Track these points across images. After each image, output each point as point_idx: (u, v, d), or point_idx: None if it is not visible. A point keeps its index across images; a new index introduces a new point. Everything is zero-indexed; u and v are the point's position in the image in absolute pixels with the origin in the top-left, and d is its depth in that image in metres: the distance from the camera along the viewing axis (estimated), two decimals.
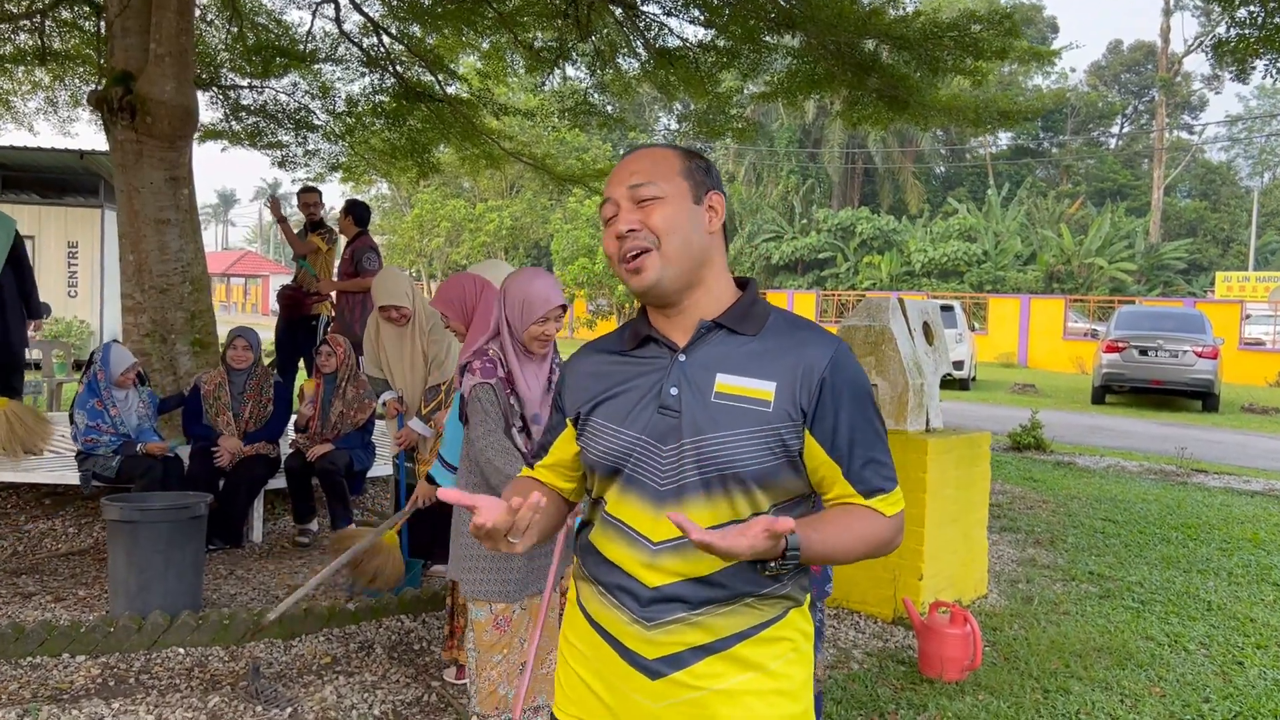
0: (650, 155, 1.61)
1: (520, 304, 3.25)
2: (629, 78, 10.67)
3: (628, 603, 1.54)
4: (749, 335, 1.57)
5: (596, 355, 1.70)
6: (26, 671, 3.91)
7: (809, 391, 1.52)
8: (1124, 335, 16.49)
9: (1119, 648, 4.58)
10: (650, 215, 1.55)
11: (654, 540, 1.53)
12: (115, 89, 6.57)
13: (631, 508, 1.56)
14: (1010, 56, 8.94)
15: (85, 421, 5.47)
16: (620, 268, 1.59)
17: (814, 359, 1.54)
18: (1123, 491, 8.52)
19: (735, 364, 1.54)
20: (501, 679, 3.39)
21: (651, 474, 1.54)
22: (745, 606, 1.52)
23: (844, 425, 1.53)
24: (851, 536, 1.51)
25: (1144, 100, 53.13)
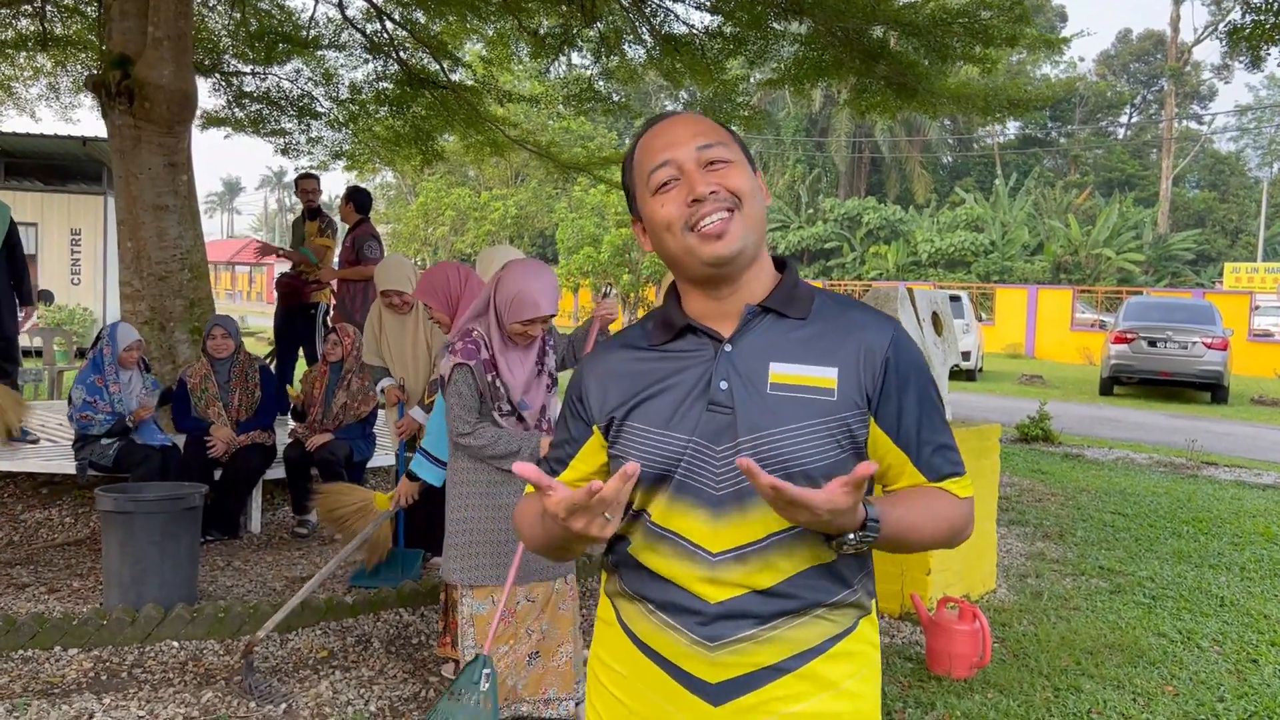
0: (703, 119, 1.47)
1: (510, 299, 3.20)
2: (634, 65, 10.56)
3: (686, 622, 1.39)
4: (798, 319, 1.44)
5: (621, 352, 1.52)
6: (18, 665, 3.84)
7: (872, 376, 1.40)
8: (1133, 326, 16.36)
9: (1130, 645, 4.49)
10: (729, 177, 1.41)
11: (713, 551, 1.38)
12: (113, 73, 6.48)
13: (684, 517, 1.40)
14: (1020, 44, 8.82)
15: (83, 397, 5.38)
16: (690, 237, 1.40)
17: (874, 341, 1.42)
18: (1132, 484, 8.42)
19: (789, 351, 1.41)
20: (509, 670, 3.33)
21: (706, 478, 1.39)
22: (817, 619, 1.39)
23: (910, 411, 1.42)
24: (930, 515, 1.40)
25: (1153, 90, 52.80)
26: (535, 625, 3.37)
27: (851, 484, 1.21)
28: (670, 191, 1.42)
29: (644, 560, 1.44)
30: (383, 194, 43.72)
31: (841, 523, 1.26)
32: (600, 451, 1.51)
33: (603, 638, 1.54)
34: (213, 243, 62.67)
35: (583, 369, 1.56)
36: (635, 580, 1.46)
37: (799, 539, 1.37)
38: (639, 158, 1.48)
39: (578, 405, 1.54)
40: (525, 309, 3.16)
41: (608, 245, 29.99)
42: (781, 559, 1.37)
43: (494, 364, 3.22)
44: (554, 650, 3.40)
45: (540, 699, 3.41)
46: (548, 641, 3.39)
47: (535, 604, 3.38)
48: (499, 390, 3.23)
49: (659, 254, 1.47)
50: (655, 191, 1.44)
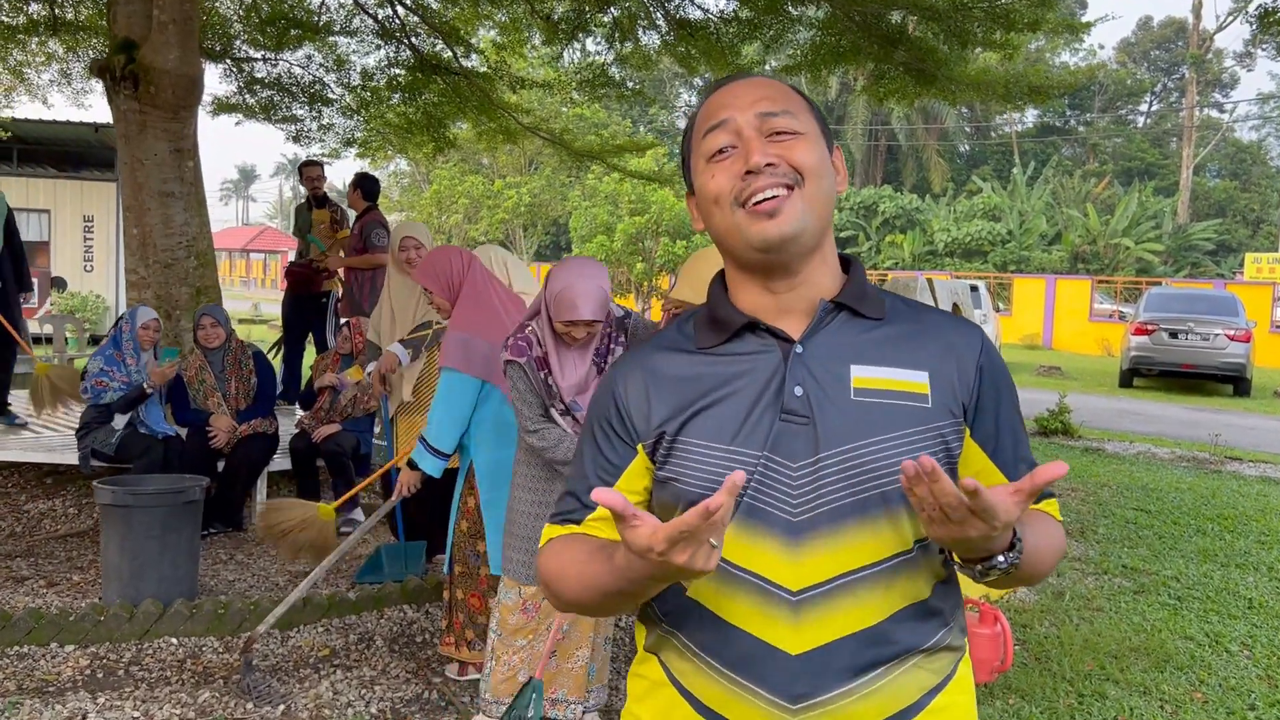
0: (774, 84, 1.27)
1: (555, 295, 3.10)
2: (648, 51, 10.41)
3: (764, 679, 1.16)
4: (875, 319, 1.27)
5: (665, 355, 1.30)
6: (13, 661, 3.76)
7: (967, 384, 1.24)
8: (1154, 317, 16.12)
9: (1156, 648, 4.35)
10: (793, 149, 1.22)
11: (794, 589, 1.16)
12: (117, 57, 6.38)
13: (757, 549, 1.18)
14: (1043, 29, 8.64)
15: (100, 366, 5.32)
16: (740, 214, 1.21)
17: (964, 346, 1.26)
18: (1154, 480, 8.25)
19: (870, 353, 1.23)
20: (522, 665, 3.24)
21: (782, 501, 1.18)
22: (916, 668, 1.19)
23: (1006, 425, 1.27)
24: (1048, 539, 1.22)
25: (1174, 78, 52.23)
26: (557, 624, 3.28)
27: (1025, 492, 1.03)
28: (724, 161, 1.24)
29: (706, 603, 1.21)
30: (396, 182, 43.67)
31: (999, 541, 1.08)
32: (644, 475, 1.28)
33: (648, 700, 1.29)
34: (228, 230, 62.90)
35: (614, 379, 1.32)
36: (694, 631, 1.22)
37: (896, 571, 1.18)
38: (698, 119, 1.29)
39: (613, 422, 1.29)
40: (564, 309, 3.07)
41: (621, 234, 29.84)
42: (876, 596, 1.17)
43: (546, 362, 3.12)
44: (571, 653, 3.31)
45: (550, 698, 3.31)
46: (566, 643, 3.29)
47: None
48: (552, 389, 3.13)
49: (710, 234, 1.28)
50: (709, 159, 1.25)
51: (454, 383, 3.51)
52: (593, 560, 1.18)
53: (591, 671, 3.35)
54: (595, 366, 3.21)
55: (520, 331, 3.15)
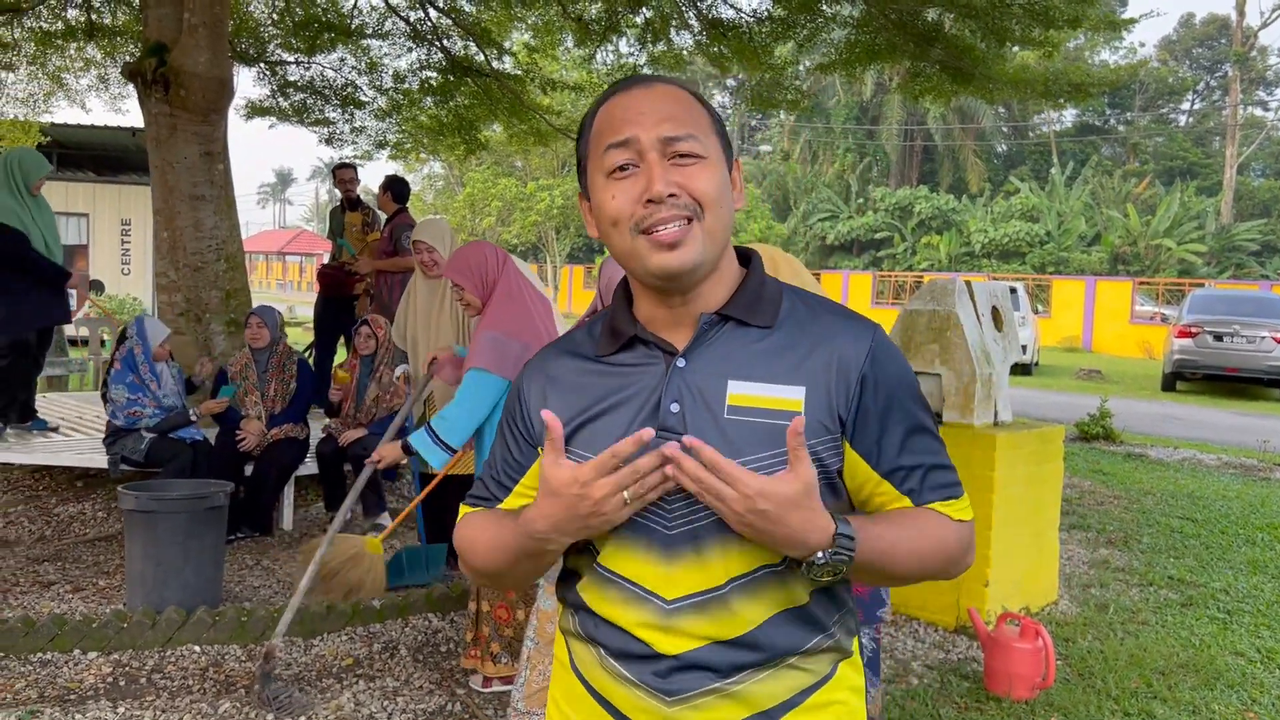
0: (678, 98, 1.24)
1: (606, 284, 3.04)
2: (681, 51, 10.33)
3: (641, 673, 1.21)
4: (763, 327, 1.24)
5: (565, 361, 1.33)
6: (36, 669, 3.73)
7: (846, 394, 1.21)
8: (1197, 320, 15.77)
9: (1205, 664, 4.19)
10: (694, 179, 1.20)
11: (667, 598, 1.20)
12: (148, 61, 6.39)
13: (634, 559, 1.22)
14: (1083, 26, 8.46)
15: (126, 396, 5.30)
16: (640, 241, 1.20)
17: (848, 352, 1.22)
18: (1200, 487, 8.02)
19: (750, 367, 1.22)
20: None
21: (656, 516, 1.20)
22: (788, 669, 1.21)
23: (893, 432, 1.23)
24: (916, 534, 1.21)
25: (1216, 76, 51.30)
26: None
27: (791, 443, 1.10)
28: (624, 181, 1.21)
29: (592, 604, 1.27)
30: (430, 184, 43.90)
31: (809, 539, 1.12)
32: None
33: (559, 680, 1.37)
34: (265, 233, 63.55)
35: (522, 380, 1.36)
36: (588, 623, 1.28)
37: (765, 582, 1.20)
38: (597, 125, 1.25)
39: (518, 422, 1.34)
40: (609, 295, 3.02)
41: None
42: (746, 606, 1.20)
43: None
44: None
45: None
46: None
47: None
48: None
49: (608, 249, 1.25)
50: (608, 175, 1.22)
51: (482, 382, 3.42)
52: (501, 525, 1.27)
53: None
54: None
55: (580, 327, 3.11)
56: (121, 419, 5.28)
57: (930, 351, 4.68)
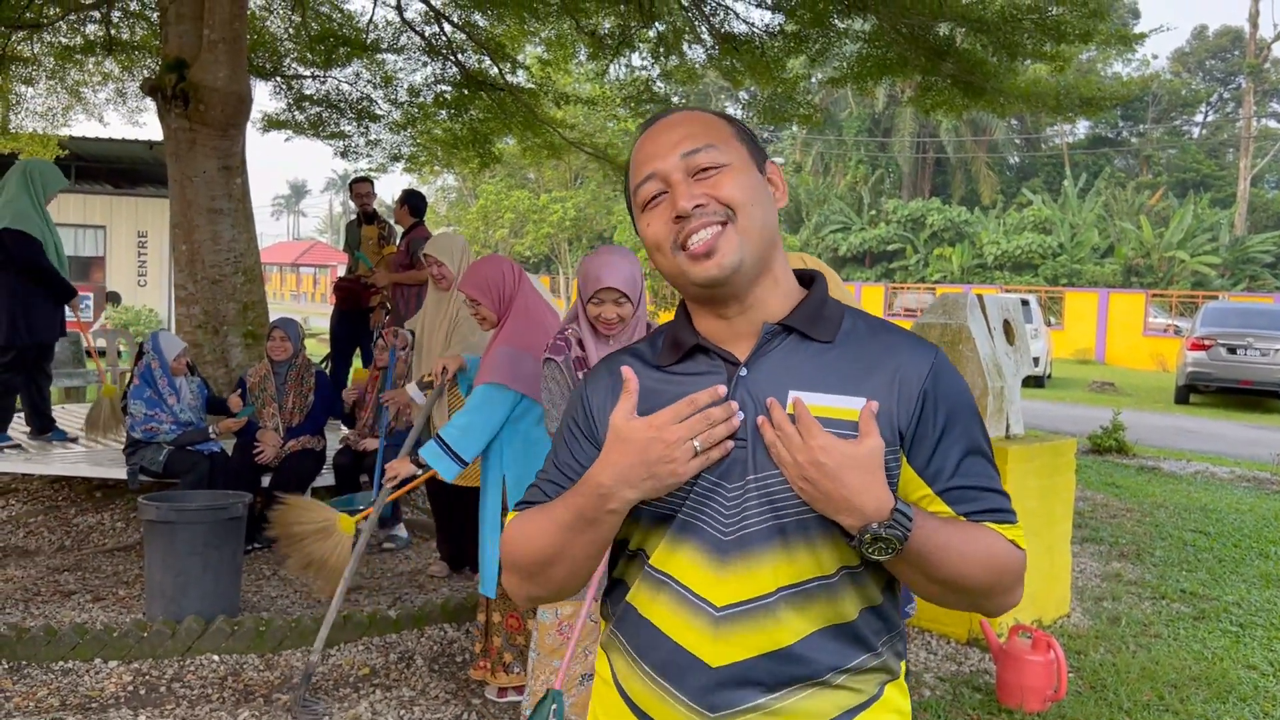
0: (694, 118, 1.28)
1: (584, 277, 3.12)
2: (693, 65, 10.39)
3: (684, 687, 1.22)
4: (824, 342, 1.26)
5: (642, 365, 1.35)
6: (57, 677, 3.78)
7: (908, 410, 1.23)
8: (1211, 332, 15.73)
9: (1218, 677, 4.19)
10: (719, 185, 1.23)
11: (717, 605, 1.21)
12: (168, 76, 6.47)
13: (687, 562, 1.23)
14: (1095, 40, 8.48)
15: (144, 410, 5.37)
16: (680, 257, 1.24)
17: (910, 369, 1.24)
18: (1213, 500, 8.01)
19: (812, 378, 1.23)
20: (560, 687, 3.18)
21: (713, 519, 1.22)
22: (834, 688, 1.22)
23: (952, 451, 1.24)
24: (971, 541, 1.20)
25: (1230, 88, 51.16)
26: (593, 646, 3.22)
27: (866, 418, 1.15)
28: (657, 207, 1.27)
29: (642, 610, 1.28)
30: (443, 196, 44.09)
31: (863, 504, 1.14)
32: None
33: (600, 696, 1.38)
34: (279, 244, 63.87)
35: (588, 384, 1.38)
36: (632, 633, 1.29)
37: (815, 595, 1.21)
38: (631, 167, 1.32)
39: (580, 424, 1.35)
40: (589, 285, 3.08)
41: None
42: (794, 618, 1.21)
43: (585, 362, 3.11)
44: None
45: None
46: (590, 661, 3.23)
47: (596, 626, 3.22)
48: None
49: (660, 272, 1.29)
50: (643, 208, 1.29)
51: (494, 396, 3.47)
52: (552, 507, 1.27)
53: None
54: None
55: (560, 334, 3.15)
56: (139, 433, 5.34)
57: None
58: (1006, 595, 1.25)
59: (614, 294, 3.05)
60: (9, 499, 6.17)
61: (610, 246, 3.22)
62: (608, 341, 3.13)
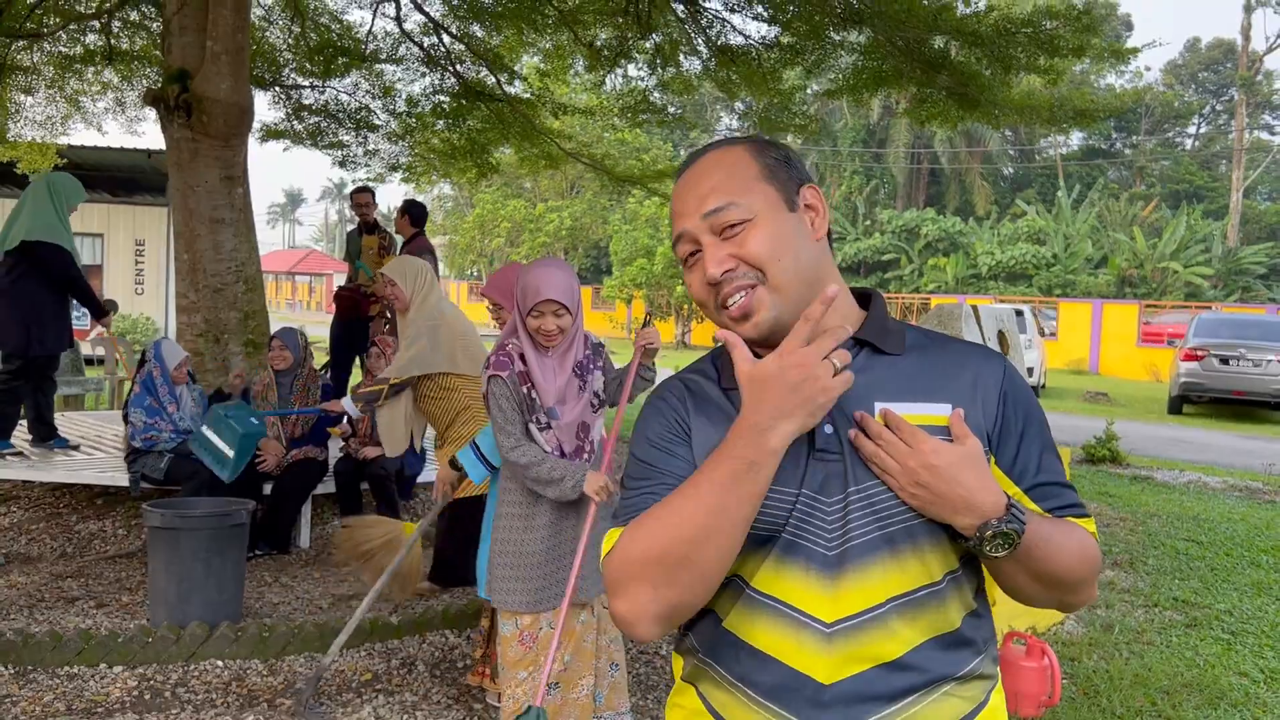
0: (719, 163, 1.29)
1: (522, 290, 3.17)
2: (690, 76, 10.48)
3: (799, 709, 1.20)
4: (896, 354, 1.29)
5: (703, 383, 1.33)
6: (63, 682, 3.82)
7: (991, 414, 1.27)
8: (1204, 343, 15.84)
9: (1210, 684, 4.25)
10: (744, 244, 1.24)
11: (828, 620, 1.20)
12: (171, 87, 6.53)
13: (793, 582, 1.22)
14: (1088, 54, 8.59)
15: (144, 419, 5.42)
16: (720, 315, 1.26)
17: (987, 374, 1.28)
18: (1206, 509, 8.08)
19: (893, 388, 1.25)
20: (526, 696, 3.22)
21: (817, 536, 1.22)
22: (946, 695, 1.23)
23: (1031, 449, 1.28)
24: (1069, 536, 1.24)
25: (1222, 100, 51.47)
26: (557, 655, 3.26)
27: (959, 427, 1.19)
28: (694, 267, 1.30)
29: (742, 635, 1.25)
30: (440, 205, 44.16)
31: (981, 502, 1.16)
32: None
33: None
34: (275, 253, 63.92)
35: (663, 397, 1.35)
36: (730, 661, 1.26)
37: (923, 603, 1.22)
38: (671, 215, 1.35)
39: (678, 434, 1.30)
40: (529, 297, 3.14)
41: (661, 257, 29.92)
42: (905, 626, 1.21)
43: (528, 375, 3.17)
44: (574, 683, 3.28)
45: None
46: (569, 673, 3.27)
47: (556, 633, 3.27)
48: (533, 401, 3.16)
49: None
50: (683, 262, 1.32)
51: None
52: (683, 488, 1.20)
53: (599, 698, 3.34)
54: (576, 379, 3.24)
55: (502, 349, 3.19)
56: (139, 441, 5.39)
57: None
58: (1092, 587, 1.30)
59: (554, 305, 3.11)
60: (10, 506, 6.20)
61: (546, 259, 3.29)
62: (548, 354, 3.19)
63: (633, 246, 31.38)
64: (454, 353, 4.52)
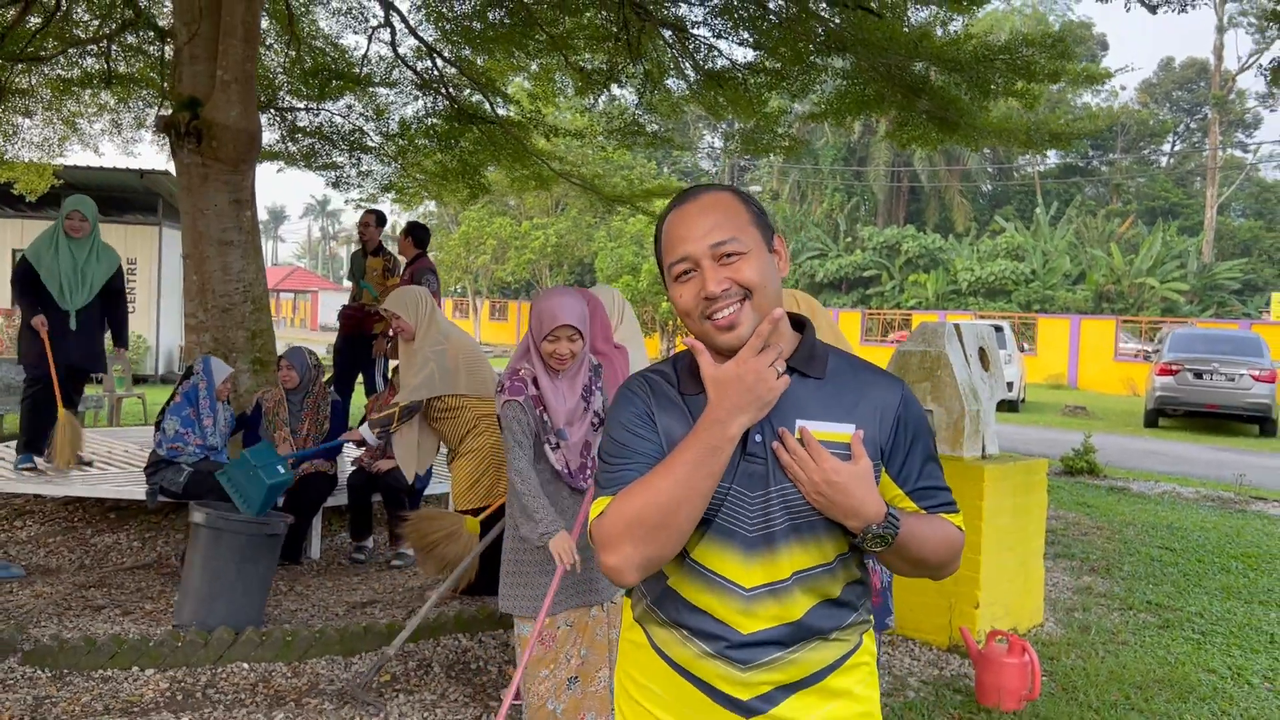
0: (717, 204, 1.59)
1: (536, 319, 3.38)
2: (677, 98, 10.75)
3: (719, 648, 1.57)
4: (817, 378, 1.61)
5: (661, 385, 1.65)
6: (98, 684, 4.02)
7: (885, 431, 1.60)
8: (1178, 358, 16.24)
9: (1180, 680, 4.52)
10: (739, 271, 1.55)
11: (746, 587, 1.56)
12: (182, 114, 6.74)
13: (720, 556, 1.57)
14: (1063, 79, 8.91)
15: (176, 428, 5.60)
16: (705, 324, 1.56)
17: (887, 399, 1.62)
18: (1179, 518, 8.38)
19: (812, 408, 1.58)
20: (549, 694, 3.44)
21: (741, 522, 1.56)
22: (832, 640, 1.60)
23: (915, 460, 1.62)
24: (934, 531, 1.59)
25: (1196, 118, 52.35)
26: (574, 650, 3.49)
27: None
28: (688, 282, 1.58)
29: (681, 592, 1.60)
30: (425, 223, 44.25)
31: (866, 511, 1.49)
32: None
33: (633, 657, 1.70)
34: None
35: (630, 391, 1.66)
36: (671, 610, 1.62)
37: (817, 578, 1.57)
38: (664, 244, 1.63)
39: (641, 419, 1.61)
40: (544, 324, 3.35)
41: (646, 274, 30.18)
42: (803, 594, 1.56)
43: (541, 399, 3.39)
44: (592, 675, 3.51)
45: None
46: (586, 667, 3.49)
47: (573, 630, 3.51)
48: (546, 422, 3.40)
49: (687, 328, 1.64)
50: (675, 279, 1.60)
51: None
52: (667, 464, 1.51)
53: (614, 691, 3.56)
54: (582, 401, 3.48)
55: (515, 374, 3.41)
56: (165, 450, 5.59)
57: (922, 389, 5.05)
58: (953, 564, 1.65)
59: (569, 330, 3.35)
60: (26, 520, 6.38)
61: (559, 288, 3.50)
62: (559, 377, 3.44)
63: (618, 263, 31.65)
64: (459, 373, 4.80)
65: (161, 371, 17.03)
